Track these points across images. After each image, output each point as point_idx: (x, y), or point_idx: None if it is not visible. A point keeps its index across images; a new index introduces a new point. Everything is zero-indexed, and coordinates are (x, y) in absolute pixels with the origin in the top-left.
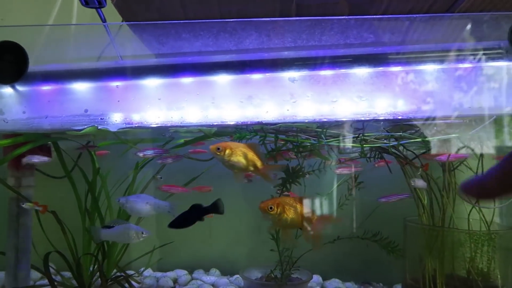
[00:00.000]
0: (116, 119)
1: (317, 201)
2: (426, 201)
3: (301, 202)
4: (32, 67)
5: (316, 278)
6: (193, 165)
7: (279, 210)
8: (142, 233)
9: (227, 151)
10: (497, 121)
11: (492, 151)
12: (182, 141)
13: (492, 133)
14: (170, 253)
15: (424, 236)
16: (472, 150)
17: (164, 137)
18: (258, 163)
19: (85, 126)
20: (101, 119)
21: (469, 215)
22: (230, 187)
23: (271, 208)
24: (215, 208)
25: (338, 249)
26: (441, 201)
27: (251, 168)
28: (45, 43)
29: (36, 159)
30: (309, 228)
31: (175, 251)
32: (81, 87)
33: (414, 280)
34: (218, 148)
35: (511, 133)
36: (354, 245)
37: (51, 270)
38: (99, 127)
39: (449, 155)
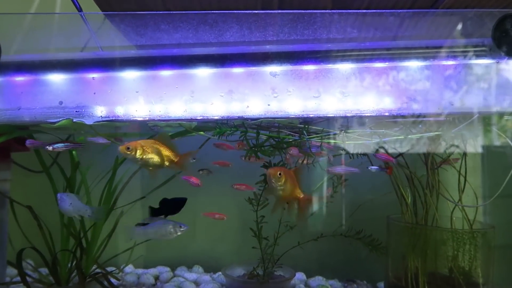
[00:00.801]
0: (92, 112)
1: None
2: (409, 199)
3: (297, 174)
4: (5, 57)
5: (300, 275)
6: None
7: (284, 178)
8: (181, 227)
9: (138, 150)
10: (480, 120)
11: (475, 149)
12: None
13: (475, 131)
14: (154, 249)
15: (407, 234)
16: (458, 146)
17: (153, 130)
18: (172, 157)
19: (60, 119)
20: (76, 111)
21: (452, 213)
22: (215, 183)
23: (280, 174)
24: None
25: (322, 247)
26: (424, 200)
27: (167, 163)
28: (21, 33)
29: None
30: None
31: (158, 247)
32: (56, 79)
33: (396, 278)
34: (128, 148)
35: (494, 131)
36: (338, 243)
37: (29, 266)
38: (74, 120)
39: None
